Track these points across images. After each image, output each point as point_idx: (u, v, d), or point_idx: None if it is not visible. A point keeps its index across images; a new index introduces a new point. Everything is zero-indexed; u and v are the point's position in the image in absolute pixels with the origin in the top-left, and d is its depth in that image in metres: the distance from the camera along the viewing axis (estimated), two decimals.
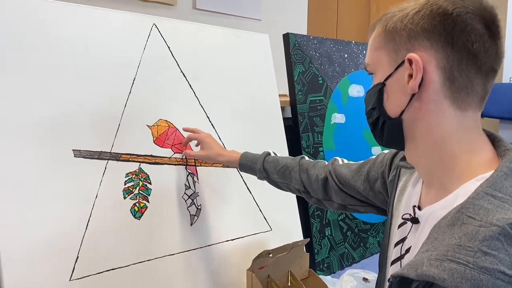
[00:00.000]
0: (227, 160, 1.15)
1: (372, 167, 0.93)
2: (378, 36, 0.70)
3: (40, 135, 0.97)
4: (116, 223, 1.06)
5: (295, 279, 1.22)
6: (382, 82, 0.69)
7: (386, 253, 0.80)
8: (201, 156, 1.17)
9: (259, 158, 1.10)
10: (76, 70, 1.05)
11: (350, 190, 0.96)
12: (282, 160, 1.08)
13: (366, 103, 0.76)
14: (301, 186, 1.04)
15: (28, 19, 0.99)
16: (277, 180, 1.08)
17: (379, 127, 0.71)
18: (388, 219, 0.82)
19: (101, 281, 1.01)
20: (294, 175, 1.05)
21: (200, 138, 1.18)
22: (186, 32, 1.30)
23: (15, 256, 0.91)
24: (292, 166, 1.06)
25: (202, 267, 1.20)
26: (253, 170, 1.11)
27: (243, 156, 1.13)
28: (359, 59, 1.82)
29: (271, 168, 1.08)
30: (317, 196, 1.02)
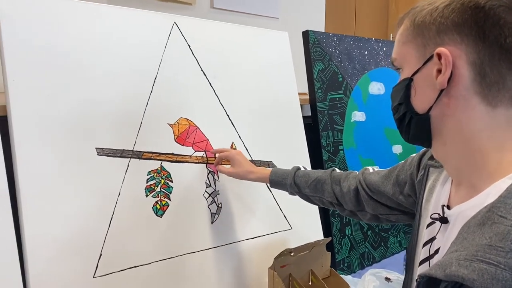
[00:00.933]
0: (257, 177, 1.16)
1: (401, 170, 0.92)
2: (406, 30, 0.69)
3: (63, 134, 0.98)
4: (138, 221, 1.06)
5: (317, 278, 1.21)
6: (410, 77, 0.68)
7: (414, 253, 0.79)
8: (232, 174, 1.18)
9: (289, 174, 1.11)
10: (99, 69, 1.06)
11: (380, 197, 0.96)
12: (313, 173, 1.08)
13: (392, 98, 0.75)
14: (334, 199, 1.04)
15: (50, 19, 1.00)
16: (309, 194, 1.08)
17: (405, 123, 0.70)
18: (416, 219, 0.80)
19: (124, 279, 1.02)
20: (326, 187, 1.05)
21: (231, 156, 1.19)
22: (206, 30, 1.30)
23: (40, 252, 0.92)
24: (324, 179, 1.06)
25: (223, 265, 1.20)
26: (284, 186, 1.12)
27: (273, 173, 1.14)
28: (379, 56, 1.80)
29: (302, 183, 1.08)
30: (350, 208, 1.02)
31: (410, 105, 0.69)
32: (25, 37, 0.96)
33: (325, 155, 1.54)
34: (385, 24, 3.23)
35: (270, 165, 1.37)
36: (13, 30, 0.94)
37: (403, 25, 0.70)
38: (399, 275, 1.26)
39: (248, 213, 1.29)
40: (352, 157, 1.62)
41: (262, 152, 1.36)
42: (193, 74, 1.24)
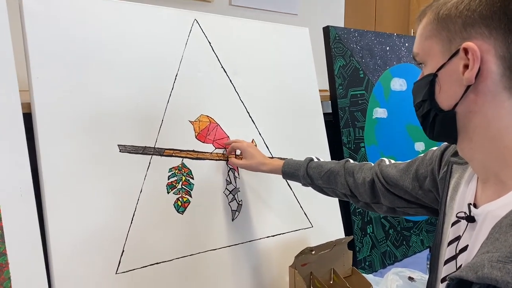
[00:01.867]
0: (270, 169, 1.14)
1: (420, 165, 0.89)
2: (429, 23, 0.67)
3: (86, 130, 0.99)
4: (160, 218, 1.07)
5: (338, 277, 1.20)
6: (434, 72, 0.66)
7: (438, 252, 0.77)
8: (244, 165, 1.17)
9: (302, 165, 1.09)
10: (121, 66, 1.06)
11: (398, 190, 0.93)
12: (326, 165, 1.06)
13: (414, 95, 0.73)
14: (348, 190, 1.02)
15: (72, 16, 1.01)
16: (322, 186, 1.06)
17: (430, 120, 0.68)
18: (440, 218, 0.78)
19: (146, 275, 1.02)
20: (339, 179, 1.03)
21: (243, 148, 1.17)
22: (226, 27, 1.29)
23: (64, 248, 0.93)
24: (337, 171, 1.03)
25: (243, 263, 1.20)
26: (297, 177, 1.10)
27: (285, 164, 1.12)
28: (401, 52, 1.76)
29: (315, 174, 1.06)
30: (365, 199, 0.99)
31: (434, 102, 0.67)
32: (48, 34, 0.97)
33: (346, 152, 1.52)
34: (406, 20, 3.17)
35: None
36: (37, 28, 0.95)
37: (425, 18, 0.68)
38: (422, 275, 1.23)
39: (268, 210, 1.28)
40: (374, 155, 1.60)
41: (282, 149, 1.35)
42: (213, 71, 1.24)
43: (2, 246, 0.86)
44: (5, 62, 0.91)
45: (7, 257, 0.86)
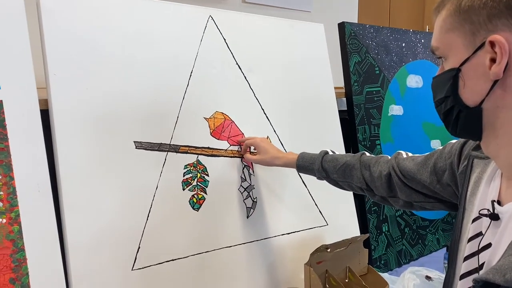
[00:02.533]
0: (284, 163, 1.13)
1: (439, 158, 0.87)
2: (449, 16, 0.64)
3: (102, 127, 0.99)
4: (175, 214, 1.07)
5: (354, 275, 1.18)
6: (457, 67, 0.64)
7: (457, 248, 0.75)
8: (258, 160, 1.17)
9: (316, 158, 1.07)
10: (136, 63, 1.06)
11: (415, 184, 0.91)
12: (342, 158, 1.04)
13: (435, 91, 0.71)
14: (364, 184, 1.00)
15: (89, 13, 1.01)
16: (337, 179, 1.04)
17: (453, 117, 0.66)
18: (460, 213, 0.76)
19: (161, 272, 1.03)
20: (355, 173, 1.01)
21: (256, 143, 1.17)
22: (241, 23, 1.29)
23: (80, 244, 0.93)
24: (352, 164, 1.01)
25: (258, 260, 1.19)
26: (311, 171, 1.08)
27: (300, 157, 1.10)
28: (417, 48, 1.74)
29: (331, 168, 1.04)
30: (381, 193, 0.97)
31: (458, 98, 0.65)
32: (65, 31, 0.97)
33: (362, 150, 1.50)
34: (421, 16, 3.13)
35: None
36: (54, 25, 0.96)
37: (444, 10, 0.66)
38: (440, 274, 1.21)
39: (283, 208, 1.28)
40: (390, 152, 1.56)
41: (297, 146, 1.33)
42: (228, 68, 1.23)
43: (21, 241, 0.86)
44: (23, 60, 0.91)
45: (25, 253, 0.87)
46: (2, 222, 0.85)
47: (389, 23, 3.02)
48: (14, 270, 0.85)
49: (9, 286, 0.84)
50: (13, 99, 0.89)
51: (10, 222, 0.86)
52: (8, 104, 0.88)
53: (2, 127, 0.87)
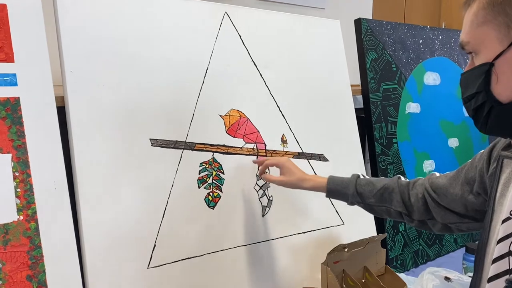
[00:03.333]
0: (312, 186, 1.05)
1: (469, 168, 0.85)
2: (482, 9, 0.62)
3: (118, 124, 0.99)
4: (191, 212, 1.06)
5: (371, 275, 1.16)
6: (490, 62, 0.62)
7: (485, 251, 0.73)
8: (283, 182, 1.08)
9: (350, 182, 1.02)
10: (152, 60, 1.05)
11: (448, 202, 0.88)
12: (378, 181, 1.00)
13: (464, 87, 0.69)
14: (403, 208, 0.95)
15: (105, 10, 1.01)
16: (373, 204, 0.99)
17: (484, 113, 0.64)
18: (489, 214, 0.74)
19: (177, 270, 1.02)
20: (395, 196, 0.96)
21: (280, 163, 1.09)
22: (256, 19, 1.27)
23: (96, 242, 0.93)
24: (391, 187, 0.97)
25: (274, 259, 1.18)
26: (344, 195, 1.02)
27: (330, 181, 1.03)
28: (435, 45, 1.71)
29: (366, 192, 0.99)
30: (419, 217, 0.94)
31: (490, 94, 0.63)
32: (81, 28, 0.97)
33: (378, 148, 1.48)
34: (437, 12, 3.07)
35: (321, 158, 1.33)
36: (70, 22, 0.95)
37: (476, 3, 0.64)
38: (459, 275, 1.18)
39: (299, 207, 1.26)
40: (406, 151, 1.55)
41: (313, 144, 1.33)
42: (244, 65, 1.22)
43: (37, 238, 0.86)
44: (40, 57, 0.91)
45: (42, 250, 0.86)
46: (19, 219, 0.85)
47: (404, 19, 2.97)
48: (31, 267, 0.85)
49: (26, 283, 0.84)
50: (30, 96, 0.89)
51: (27, 219, 0.86)
52: (25, 101, 0.88)
53: (19, 124, 0.87)
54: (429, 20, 2.99)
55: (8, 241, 0.83)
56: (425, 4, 3.09)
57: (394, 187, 0.97)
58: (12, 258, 0.83)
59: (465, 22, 0.66)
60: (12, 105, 0.87)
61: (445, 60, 1.74)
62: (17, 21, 0.89)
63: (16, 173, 0.86)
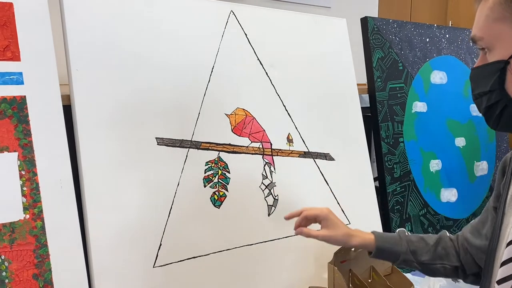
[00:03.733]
0: (360, 243, 0.94)
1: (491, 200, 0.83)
2: (499, 4, 0.61)
3: (125, 123, 0.99)
4: (197, 212, 1.06)
5: (378, 275, 1.16)
6: (506, 59, 0.61)
7: (495, 254, 0.72)
8: (328, 237, 0.95)
9: (401, 238, 0.92)
10: (158, 59, 1.05)
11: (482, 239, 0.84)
12: (428, 237, 0.92)
13: (476, 83, 0.67)
14: (459, 262, 0.89)
15: (110, 9, 1.01)
16: (428, 262, 0.90)
17: (496, 112, 0.63)
18: (499, 218, 0.73)
19: (182, 269, 1.02)
20: (450, 251, 0.89)
21: (323, 216, 0.96)
22: (262, 18, 1.27)
23: (103, 241, 0.93)
24: (445, 241, 0.91)
25: (280, 259, 1.18)
26: (394, 254, 0.91)
27: (379, 238, 0.93)
28: (442, 44, 1.69)
29: (419, 249, 0.90)
30: (473, 270, 0.88)
31: (505, 93, 0.61)
32: (87, 27, 0.97)
33: (385, 147, 1.47)
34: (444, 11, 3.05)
35: (327, 157, 1.32)
36: (76, 21, 0.95)
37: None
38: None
39: (305, 206, 1.25)
40: (413, 150, 1.54)
41: (319, 143, 1.32)
42: (249, 64, 1.22)
43: (44, 237, 0.86)
44: (46, 55, 0.91)
45: (48, 249, 0.86)
46: (26, 217, 0.85)
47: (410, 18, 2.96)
48: (37, 266, 0.85)
49: (32, 282, 0.84)
50: (36, 95, 0.89)
51: (34, 218, 0.86)
52: (31, 100, 0.89)
53: (25, 123, 0.87)
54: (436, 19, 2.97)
55: (14, 240, 0.83)
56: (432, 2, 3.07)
57: (447, 241, 0.91)
58: (19, 257, 0.83)
59: (478, 16, 0.64)
60: (18, 103, 0.87)
61: (452, 59, 1.72)
62: (24, 20, 0.89)
63: (22, 171, 0.86)
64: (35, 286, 0.84)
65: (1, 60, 0.86)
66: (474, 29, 0.65)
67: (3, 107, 0.85)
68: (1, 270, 0.81)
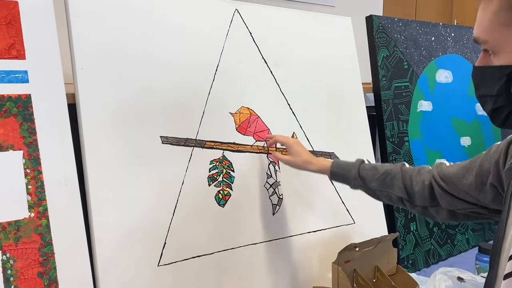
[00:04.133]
0: (318, 169, 1.08)
1: (484, 160, 0.83)
2: (506, 9, 0.59)
3: (129, 121, 0.98)
4: (201, 210, 1.05)
5: (383, 275, 1.15)
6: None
7: (501, 247, 0.71)
8: (289, 162, 1.11)
9: (353, 166, 1.03)
10: (162, 57, 1.05)
11: (458, 191, 0.87)
12: (381, 167, 1.00)
13: (479, 83, 0.66)
14: (405, 194, 0.96)
15: (115, 8, 1.00)
16: (375, 189, 1.00)
17: (502, 116, 0.63)
18: (505, 211, 0.73)
19: (187, 268, 1.02)
20: (396, 182, 0.96)
21: (289, 144, 1.12)
22: (267, 16, 1.26)
23: (107, 240, 0.92)
24: (394, 173, 0.97)
25: (284, 258, 1.17)
26: (347, 179, 1.04)
27: (335, 164, 1.05)
28: (447, 43, 1.69)
29: (369, 176, 1.00)
30: (423, 203, 0.94)
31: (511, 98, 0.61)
32: (92, 25, 0.96)
33: (390, 146, 1.46)
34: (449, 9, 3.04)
35: (332, 156, 1.32)
36: (81, 20, 0.95)
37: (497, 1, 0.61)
38: (472, 275, 1.17)
39: (309, 205, 1.25)
40: (418, 149, 1.53)
41: (324, 142, 1.31)
42: (254, 62, 1.21)
43: (48, 235, 0.86)
44: (51, 54, 0.92)
45: (53, 247, 0.86)
46: (31, 216, 0.85)
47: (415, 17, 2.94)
48: (42, 264, 0.85)
49: (37, 280, 0.84)
50: (41, 93, 0.89)
51: (38, 216, 0.86)
52: (36, 98, 0.89)
53: (30, 121, 0.87)
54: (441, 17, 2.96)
55: (19, 238, 0.83)
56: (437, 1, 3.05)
57: (396, 173, 0.97)
58: (24, 255, 0.83)
59: (481, 17, 0.63)
60: (23, 102, 0.87)
61: (458, 58, 1.71)
62: (29, 18, 0.89)
63: (27, 170, 0.86)
64: (40, 284, 0.84)
65: (6, 58, 0.86)
66: (477, 30, 0.64)
67: (8, 106, 0.85)
68: (6, 268, 0.81)
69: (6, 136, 0.84)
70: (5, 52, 0.86)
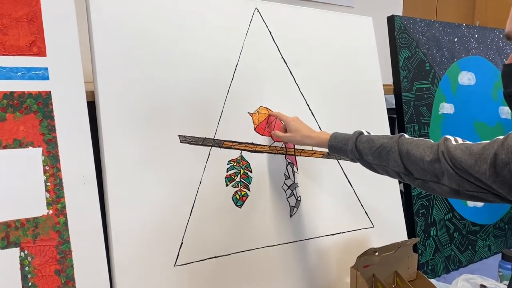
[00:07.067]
0: (316, 142, 1.06)
1: (500, 149, 0.74)
2: None
3: (148, 120, 0.98)
4: (218, 211, 1.04)
5: (402, 281, 1.12)
6: None
7: None
8: (287, 138, 1.11)
9: (350, 138, 0.99)
10: (182, 56, 1.04)
11: (468, 175, 0.79)
12: (378, 139, 0.94)
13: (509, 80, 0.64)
14: (402, 168, 0.89)
15: (135, 5, 1.00)
16: (372, 162, 0.95)
17: None
18: None
19: (203, 269, 1.01)
20: (392, 156, 0.90)
21: (287, 121, 1.11)
22: (287, 15, 1.25)
23: (124, 239, 0.92)
24: (390, 146, 0.91)
25: (301, 261, 1.15)
26: (344, 152, 1.00)
27: (332, 137, 1.02)
28: (470, 44, 1.65)
29: (365, 149, 0.95)
30: (424, 177, 0.86)
31: None
32: (112, 24, 0.96)
33: None
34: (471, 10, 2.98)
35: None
36: (102, 17, 0.95)
37: None
38: (496, 283, 1.13)
39: (327, 208, 1.23)
40: None
41: None
42: (273, 62, 1.20)
43: (66, 233, 0.86)
44: (71, 51, 0.92)
45: (71, 245, 0.86)
46: (49, 213, 0.85)
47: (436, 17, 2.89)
48: (59, 262, 0.85)
49: (54, 277, 0.84)
50: (61, 91, 0.89)
51: (57, 214, 0.86)
52: (56, 95, 0.89)
53: (50, 118, 0.87)
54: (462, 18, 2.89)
55: (37, 235, 0.83)
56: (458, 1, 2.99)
57: (392, 146, 0.91)
58: (41, 252, 0.83)
59: None
60: (43, 99, 0.87)
61: (481, 60, 1.67)
62: (50, 15, 0.89)
63: (46, 167, 0.86)
64: (57, 281, 0.84)
65: (27, 55, 0.86)
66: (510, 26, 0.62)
67: (29, 102, 0.85)
68: (24, 265, 0.81)
69: (26, 133, 0.84)
70: (26, 49, 0.86)
